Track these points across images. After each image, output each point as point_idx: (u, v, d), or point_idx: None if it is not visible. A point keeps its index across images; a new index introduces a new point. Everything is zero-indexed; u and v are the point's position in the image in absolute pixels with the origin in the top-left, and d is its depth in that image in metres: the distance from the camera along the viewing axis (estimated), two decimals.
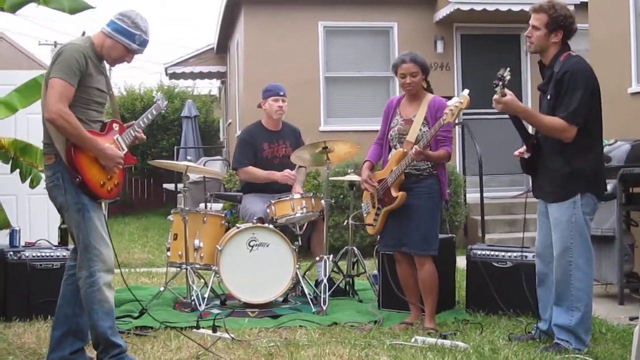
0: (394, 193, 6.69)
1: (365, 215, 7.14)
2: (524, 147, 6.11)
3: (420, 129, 6.67)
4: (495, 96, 5.73)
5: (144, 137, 5.78)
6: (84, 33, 5.58)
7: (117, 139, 5.49)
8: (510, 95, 5.74)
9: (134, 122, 5.70)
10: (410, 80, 6.81)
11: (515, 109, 5.77)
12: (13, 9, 7.53)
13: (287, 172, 8.28)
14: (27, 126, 10.73)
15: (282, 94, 8.48)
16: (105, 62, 5.52)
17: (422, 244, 6.70)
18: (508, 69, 5.82)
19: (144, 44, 5.51)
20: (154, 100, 6.04)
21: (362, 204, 7.18)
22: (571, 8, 13.35)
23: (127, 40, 5.41)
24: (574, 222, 5.80)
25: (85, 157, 5.23)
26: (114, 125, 5.52)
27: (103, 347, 5.25)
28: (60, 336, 5.47)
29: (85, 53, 5.27)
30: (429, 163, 6.71)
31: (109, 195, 5.41)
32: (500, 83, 5.70)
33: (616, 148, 8.05)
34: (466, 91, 6.39)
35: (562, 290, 5.88)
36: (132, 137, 5.62)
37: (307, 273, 8.46)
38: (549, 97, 5.82)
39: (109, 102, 5.63)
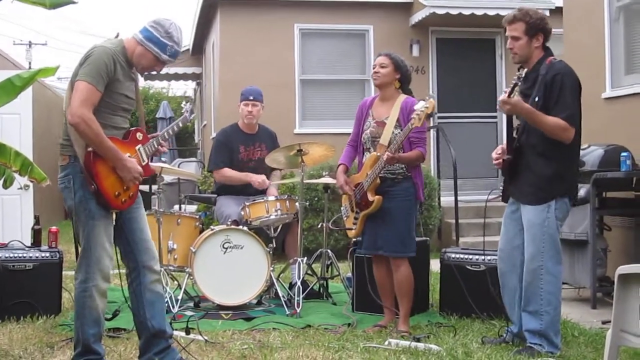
0: (370, 197, 6.69)
1: (345, 218, 7.15)
2: (500, 148, 6.13)
3: (393, 132, 6.67)
4: (503, 96, 5.73)
5: (166, 149, 5.65)
6: (117, 35, 5.40)
7: (139, 149, 5.34)
8: (517, 98, 5.75)
9: (158, 133, 5.58)
10: (377, 70, 6.84)
11: (520, 110, 5.78)
12: None
13: (262, 178, 8.28)
14: (1, 126, 10.70)
15: (252, 98, 8.47)
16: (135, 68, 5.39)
17: (398, 246, 6.71)
18: (526, 69, 5.88)
19: (174, 55, 5.36)
20: (182, 111, 5.95)
21: (342, 208, 7.18)
22: (546, 13, 13.49)
23: (158, 50, 5.26)
24: (546, 225, 5.84)
25: (104, 165, 5.09)
26: (138, 134, 5.37)
27: (81, 350, 5.21)
28: (144, 342, 5.46)
29: (115, 57, 5.13)
30: (403, 166, 6.72)
31: (122, 207, 5.26)
32: (520, 83, 5.71)
33: (589, 153, 8.10)
34: (432, 95, 6.43)
35: (530, 294, 5.91)
36: (155, 149, 5.46)
37: (281, 275, 8.46)
38: (536, 99, 5.83)
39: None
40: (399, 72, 6.89)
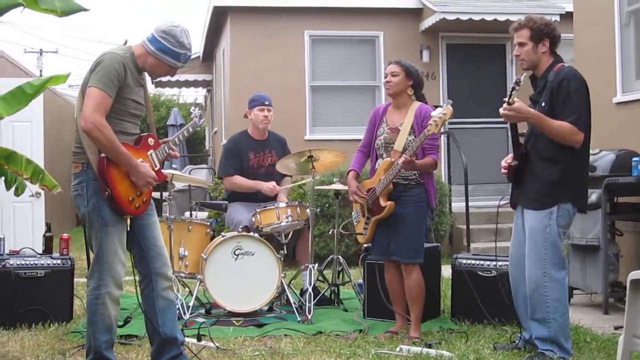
0: (382, 203, 6.69)
1: (355, 224, 7.14)
2: (510, 157, 6.12)
3: (407, 138, 6.66)
4: (504, 107, 5.73)
5: (178, 154, 5.68)
6: (125, 42, 5.43)
7: (150, 154, 5.37)
8: (518, 102, 5.74)
9: (169, 138, 5.61)
10: (390, 79, 6.83)
11: (525, 115, 5.77)
12: None
13: (272, 184, 8.27)
14: (12, 134, 10.72)
15: (267, 103, 8.48)
16: (144, 74, 5.42)
17: (410, 253, 6.70)
18: (524, 74, 5.88)
19: (188, 60, 5.41)
20: (191, 117, 5.98)
21: (353, 213, 7.18)
22: (557, 18, 13.47)
23: (173, 60, 5.31)
24: (548, 232, 5.83)
25: (117, 171, 5.10)
26: (149, 139, 5.39)
27: (93, 357, 5.21)
28: (156, 349, 5.47)
29: (125, 63, 5.16)
30: (416, 172, 6.71)
31: (135, 212, 5.27)
32: (518, 88, 5.71)
33: (601, 158, 8.08)
34: (449, 102, 6.40)
35: (536, 302, 5.90)
36: (166, 154, 5.50)
37: (292, 282, 8.45)
38: (542, 104, 5.83)
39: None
40: (411, 79, 6.89)
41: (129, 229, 5.30)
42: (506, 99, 5.74)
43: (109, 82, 5.05)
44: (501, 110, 5.79)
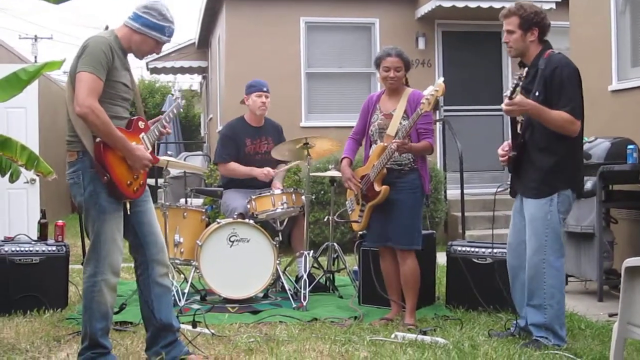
0: (376, 188, 6.69)
1: (350, 212, 7.14)
2: (507, 144, 6.12)
3: (400, 122, 6.66)
4: (505, 102, 5.72)
5: (170, 130, 5.68)
6: (107, 27, 5.42)
7: (142, 137, 5.37)
8: (519, 96, 5.74)
9: (157, 118, 5.61)
10: (394, 75, 6.82)
11: (526, 107, 5.76)
12: None
13: (267, 169, 8.27)
14: (7, 120, 10.67)
15: (265, 89, 8.48)
16: (128, 57, 5.40)
17: (405, 239, 6.71)
18: (527, 68, 5.90)
19: (172, 34, 5.40)
20: (173, 98, 5.96)
21: (346, 202, 7.18)
22: (552, 6, 13.47)
23: (158, 34, 5.30)
24: (549, 219, 5.83)
25: (114, 155, 5.09)
26: (140, 122, 5.38)
27: (88, 344, 5.21)
28: (151, 335, 5.47)
29: (112, 46, 5.13)
30: (410, 157, 6.71)
31: (134, 195, 5.27)
32: (521, 84, 5.71)
33: (596, 145, 8.09)
34: (441, 79, 6.41)
35: (534, 288, 5.90)
36: (157, 135, 5.51)
37: (287, 269, 8.47)
38: (536, 93, 5.82)
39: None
40: (407, 70, 6.92)
41: (128, 213, 5.29)
42: (507, 94, 5.73)
43: (98, 65, 5.02)
44: (503, 107, 5.78)
